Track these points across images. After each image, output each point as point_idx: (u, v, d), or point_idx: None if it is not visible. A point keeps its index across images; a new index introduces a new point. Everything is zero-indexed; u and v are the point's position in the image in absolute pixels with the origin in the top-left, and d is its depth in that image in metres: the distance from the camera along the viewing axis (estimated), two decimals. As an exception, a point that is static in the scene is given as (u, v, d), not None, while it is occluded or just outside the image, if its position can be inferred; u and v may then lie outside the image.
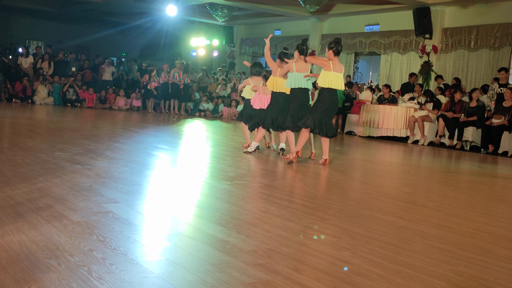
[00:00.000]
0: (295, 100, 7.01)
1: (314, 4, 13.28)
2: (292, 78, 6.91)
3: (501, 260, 3.09)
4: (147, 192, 4.36)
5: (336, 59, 6.60)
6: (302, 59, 6.95)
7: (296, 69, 6.87)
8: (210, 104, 17.16)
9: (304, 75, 6.85)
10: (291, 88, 7.01)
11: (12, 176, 4.41)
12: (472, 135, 11.10)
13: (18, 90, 15.70)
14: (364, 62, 19.47)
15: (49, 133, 8.25)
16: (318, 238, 3.20)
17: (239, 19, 19.79)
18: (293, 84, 6.93)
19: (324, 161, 6.95)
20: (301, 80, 6.89)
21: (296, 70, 6.87)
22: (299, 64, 6.91)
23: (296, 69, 6.87)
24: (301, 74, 6.85)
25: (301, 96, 6.98)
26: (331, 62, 6.57)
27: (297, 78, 6.88)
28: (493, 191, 6.17)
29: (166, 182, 4.97)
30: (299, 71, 6.87)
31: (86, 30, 22.90)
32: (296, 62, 6.93)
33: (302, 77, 6.86)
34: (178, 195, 4.38)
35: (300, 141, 6.73)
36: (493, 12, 13.01)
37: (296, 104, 7.00)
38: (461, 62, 13.74)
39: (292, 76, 6.91)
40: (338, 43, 6.57)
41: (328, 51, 6.64)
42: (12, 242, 2.68)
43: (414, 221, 3.99)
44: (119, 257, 2.60)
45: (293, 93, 7.02)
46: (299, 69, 6.89)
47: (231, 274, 2.50)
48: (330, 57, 6.61)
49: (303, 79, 6.89)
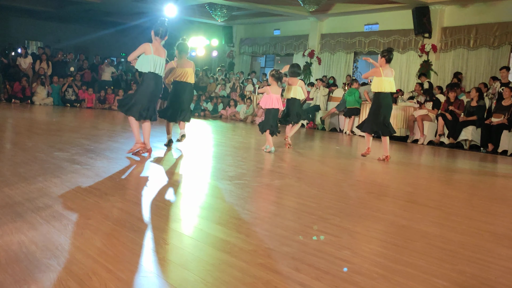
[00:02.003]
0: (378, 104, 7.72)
1: (313, 3, 13.28)
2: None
3: (502, 259, 3.09)
4: (146, 192, 4.35)
5: (387, 66, 7.52)
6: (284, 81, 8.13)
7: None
8: (209, 104, 17.16)
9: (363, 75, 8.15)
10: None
11: (11, 176, 4.40)
12: (472, 134, 11.09)
13: (17, 90, 15.70)
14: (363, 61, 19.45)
15: (48, 133, 8.24)
16: (318, 239, 3.20)
17: (238, 19, 19.78)
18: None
19: (385, 157, 7.68)
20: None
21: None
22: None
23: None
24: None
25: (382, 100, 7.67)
26: (381, 69, 7.46)
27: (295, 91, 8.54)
28: (493, 190, 6.16)
29: (165, 182, 4.96)
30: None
31: (85, 30, 22.89)
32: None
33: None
34: (178, 195, 4.37)
35: (367, 141, 7.83)
36: (492, 11, 13.01)
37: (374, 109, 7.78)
38: (461, 61, 13.73)
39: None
40: (390, 52, 7.54)
41: (380, 58, 7.55)
42: (11, 242, 2.67)
43: (414, 220, 3.98)
44: (119, 257, 2.59)
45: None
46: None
47: (231, 273, 2.49)
48: (382, 64, 7.51)
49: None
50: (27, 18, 22.61)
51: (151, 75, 6.11)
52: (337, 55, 17.25)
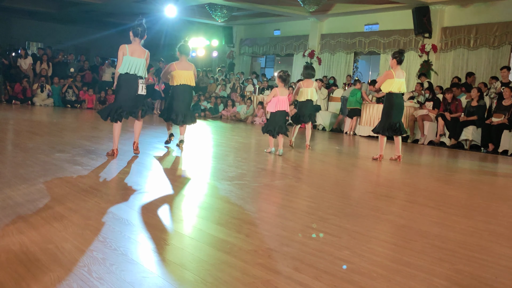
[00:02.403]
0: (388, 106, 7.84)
1: (313, 4, 13.29)
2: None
3: (501, 259, 3.09)
4: (147, 193, 4.36)
5: (398, 67, 7.64)
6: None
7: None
8: (209, 104, 17.16)
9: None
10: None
11: (12, 177, 4.42)
12: (472, 134, 11.09)
13: (18, 92, 15.71)
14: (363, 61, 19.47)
15: (49, 134, 8.26)
16: (317, 237, 3.21)
17: (238, 19, 19.79)
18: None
19: (397, 157, 7.87)
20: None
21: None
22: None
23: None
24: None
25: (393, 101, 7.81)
26: (392, 70, 7.61)
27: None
28: (493, 190, 6.17)
29: (165, 182, 4.97)
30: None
31: (86, 31, 22.90)
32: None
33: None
34: (178, 195, 4.38)
35: (381, 144, 7.94)
36: (492, 11, 13.01)
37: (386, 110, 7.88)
38: (461, 61, 13.74)
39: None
40: (401, 54, 7.68)
41: (392, 59, 7.68)
42: (12, 243, 2.68)
43: (414, 220, 3.99)
44: (119, 257, 2.60)
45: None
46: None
47: (231, 273, 2.50)
48: (393, 65, 7.66)
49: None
50: (28, 19, 22.64)
51: (123, 77, 6.10)
52: (337, 55, 17.26)
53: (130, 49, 6.08)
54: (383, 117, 7.88)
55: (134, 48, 6.11)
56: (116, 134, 6.21)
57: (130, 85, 6.12)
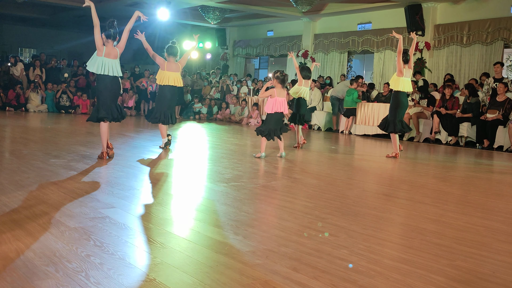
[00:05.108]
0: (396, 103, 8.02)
1: (306, 4, 13.31)
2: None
3: (498, 254, 3.11)
4: (143, 197, 4.36)
5: (406, 66, 7.87)
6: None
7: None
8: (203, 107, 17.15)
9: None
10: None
11: (7, 184, 4.40)
12: (467, 131, 11.13)
13: (11, 98, 15.65)
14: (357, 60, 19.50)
15: (44, 140, 8.23)
16: (316, 236, 3.21)
17: (231, 21, 19.80)
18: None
19: (395, 154, 8.08)
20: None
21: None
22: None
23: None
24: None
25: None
26: (404, 69, 7.81)
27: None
28: (489, 186, 6.19)
29: (162, 185, 4.96)
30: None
31: (78, 36, 22.84)
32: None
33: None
34: (174, 198, 4.38)
35: (394, 142, 8.13)
36: (484, 7, 13.07)
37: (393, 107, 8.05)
38: (454, 58, 13.79)
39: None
40: (406, 53, 7.90)
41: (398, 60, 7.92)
42: (9, 250, 2.67)
43: (410, 217, 4.00)
44: (116, 261, 2.60)
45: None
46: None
47: (229, 275, 2.50)
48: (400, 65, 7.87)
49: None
50: (20, 26, 22.57)
51: (100, 77, 6.23)
52: (331, 55, 17.29)
53: (105, 51, 6.28)
54: (392, 115, 8.06)
55: (108, 50, 6.30)
56: (103, 135, 6.35)
57: (110, 84, 6.25)
